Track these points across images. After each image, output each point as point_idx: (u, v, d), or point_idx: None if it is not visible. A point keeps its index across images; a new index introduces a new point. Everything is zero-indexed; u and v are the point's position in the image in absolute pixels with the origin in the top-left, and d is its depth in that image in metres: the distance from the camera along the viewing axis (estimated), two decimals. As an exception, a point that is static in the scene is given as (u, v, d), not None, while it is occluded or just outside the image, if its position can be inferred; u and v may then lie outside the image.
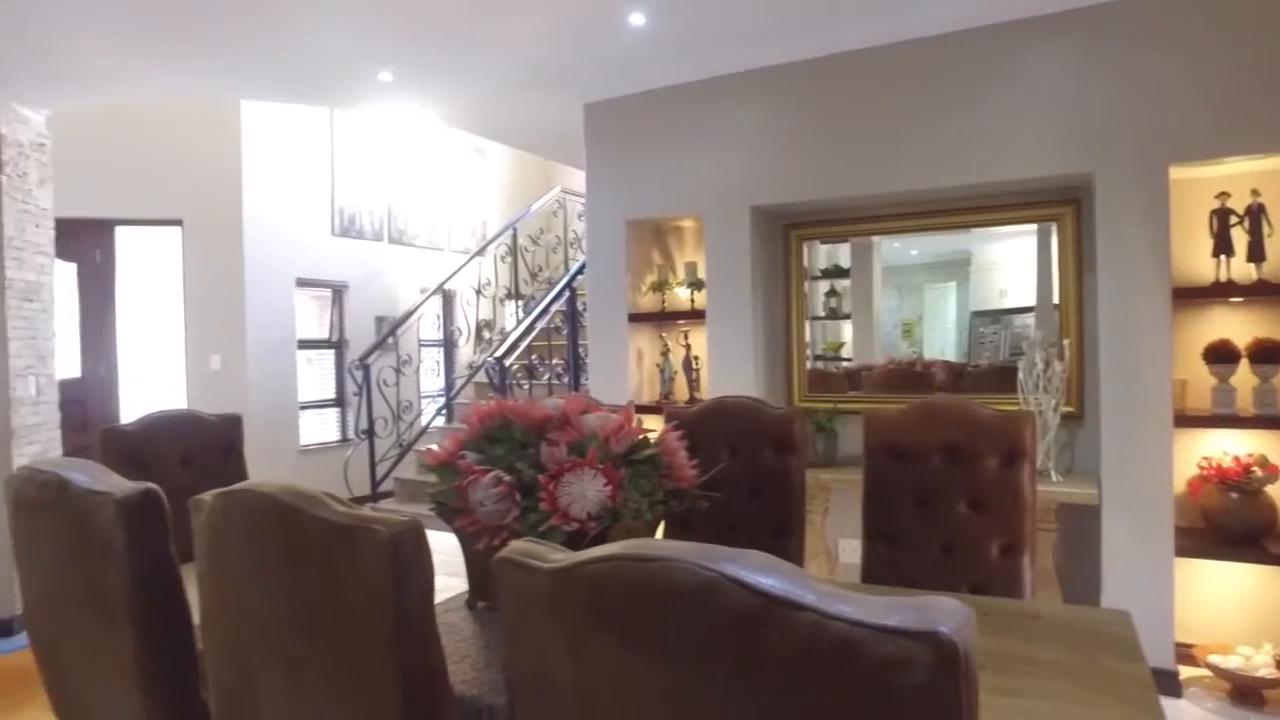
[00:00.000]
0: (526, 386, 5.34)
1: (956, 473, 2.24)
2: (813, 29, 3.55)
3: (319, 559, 1.00)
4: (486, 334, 6.80)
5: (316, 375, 6.82)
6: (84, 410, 5.76)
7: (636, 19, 3.43)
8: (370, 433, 5.57)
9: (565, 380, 5.63)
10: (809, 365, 4.20)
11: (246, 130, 6.17)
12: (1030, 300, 3.82)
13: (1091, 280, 3.36)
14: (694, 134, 4.07)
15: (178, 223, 6.11)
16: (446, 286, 6.55)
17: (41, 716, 3.18)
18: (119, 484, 1.33)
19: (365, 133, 7.16)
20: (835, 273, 4.27)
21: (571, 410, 1.76)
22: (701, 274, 4.15)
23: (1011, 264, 3.95)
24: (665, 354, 4.33)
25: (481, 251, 6.86)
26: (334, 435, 6.86)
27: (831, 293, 4.26)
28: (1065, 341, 3.53)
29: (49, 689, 1.56)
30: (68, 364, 5.48)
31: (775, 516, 2.52)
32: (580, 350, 5.61)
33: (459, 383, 6.48)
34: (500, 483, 1.64)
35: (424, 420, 6.26)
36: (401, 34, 3.61)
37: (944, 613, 0.61)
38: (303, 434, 6.52)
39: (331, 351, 6.89)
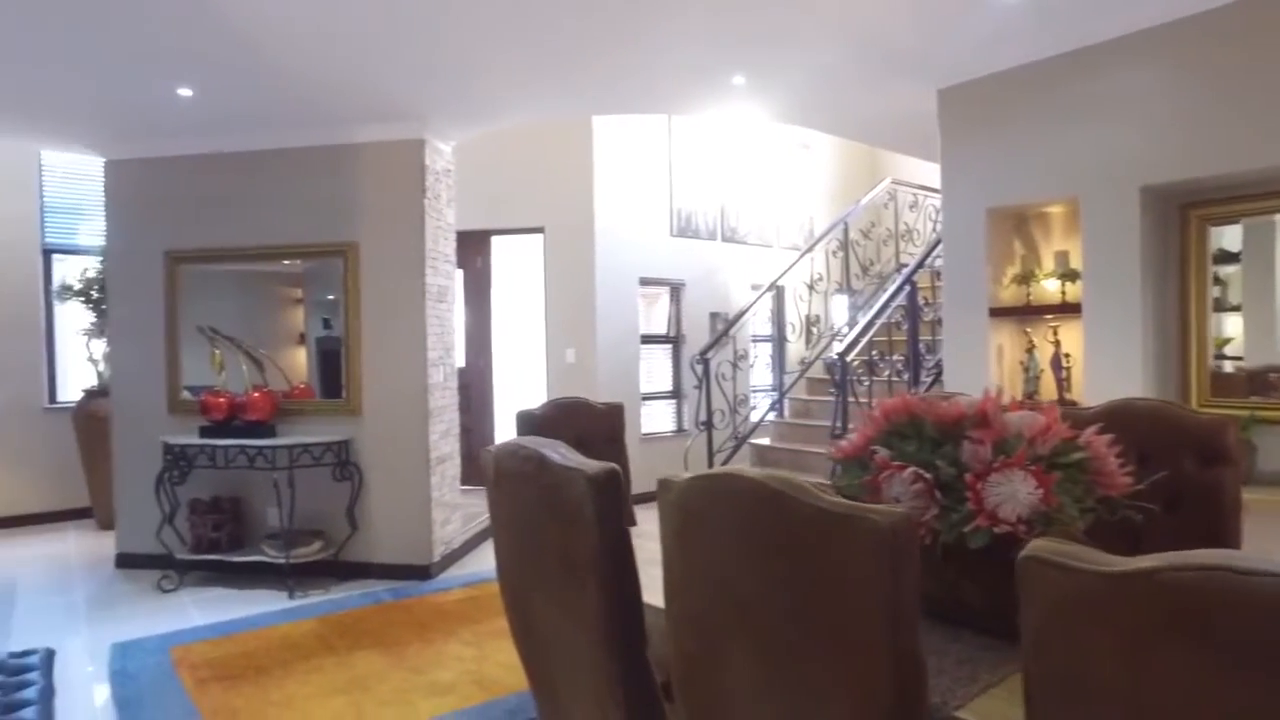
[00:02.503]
0: (867, 383, 5.23)
1: None
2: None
3: (809, 543, 1.05)
4: (816, 330, 6.78)
5: (655, 369, 7.27)
6: (468, 395, 6.69)
7: (1010, -9, 3.20)
8: (709, 424, 5.81)
9: (905, 376, 5.44)
10: (1210, 365, 3.64)
11: (597, 143, 6.74)
12: None
13: None
14: (1068, 111, 3.70)
15: (540, 230, 6.86)
16: (778, 283, 6.64)
17: (460, 650, 3.74)
18: (587, 462, 1.50)
19: (699, 136, 7.50)
20: (1221, 258, 3.65)
21: (990, 408, 1.68)
22: (1075, 263, 3.77)
23: None
24: (1030, 351, 4.00)
25: (812, 247, 6.85)
26: (670, 425, 7.28)
27: (1215, 281, 3.65)
28: None
29: (515, 632, 1.81)
30: (458, 356, 6.39)
31: (1197, 535, 2.20)
32: (921, 346, 5.38)
33: (790, 378, 6.54)
34: (919, 479, 1.61)
35: (757, 414, 6.41)
36: (756, 39, 3.71)
37: None
38: (643, 423, 7.00)
39: (669, 346, 7.31)
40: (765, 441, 6.19)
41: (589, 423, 3.02)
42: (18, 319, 6.52)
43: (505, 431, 6.88)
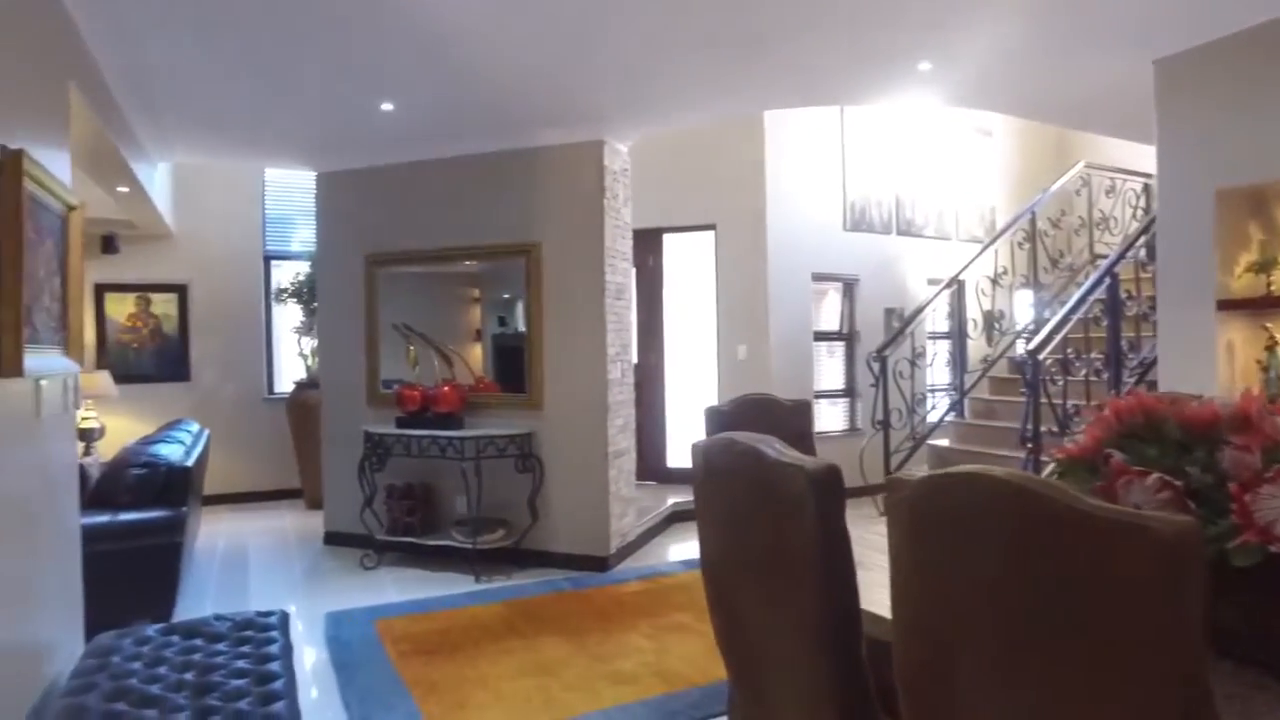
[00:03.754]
0: (1060, 383, 4.87)
1: None
2: None
3: (1069, 552, 0.98)
4: (999, 326, 6.38)
5: (828, 366, 7.11)
6: (640, 392, 6.80)
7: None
8: (885, 424, 5.61)
9: (1104, 376, 5.02)
10: None
11: (769, 137, 6.67)
12: None
13: None
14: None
15: (711, 227, 6.87)
16: (958, 277, 6.30)
17: (640, 641, 3.81)
18: (805, 458, 1.48)
19: (872, 126, 7.25)
20: None
21: (1254, 410, 1.50)
22: (1327, 249, 3.33)
23: None
24: (1271, 348, 3.58)
25: (996, 239, 6.45)
26: (841, 424, 7.09)
27: None
28: None
29: (719, 629, 1.82)
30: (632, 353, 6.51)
31: None
32: (1123, 343, 4.95)
33: (971, 377, 6.19)
34: (1165, 487, 1.47)
35: (935, 415, 6.12)
36: (944, 20, 3.53)
37: None
38: (816, 422, 6.86)
39: (841, 343, 7.13)
40: (944, 443, 5.91)
41: (778, 420, 2.98)
42: (244, 319, 7.29)
43: (677, 429, 6.95)
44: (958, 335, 6.21)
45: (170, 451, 4.17)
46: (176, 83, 4.12)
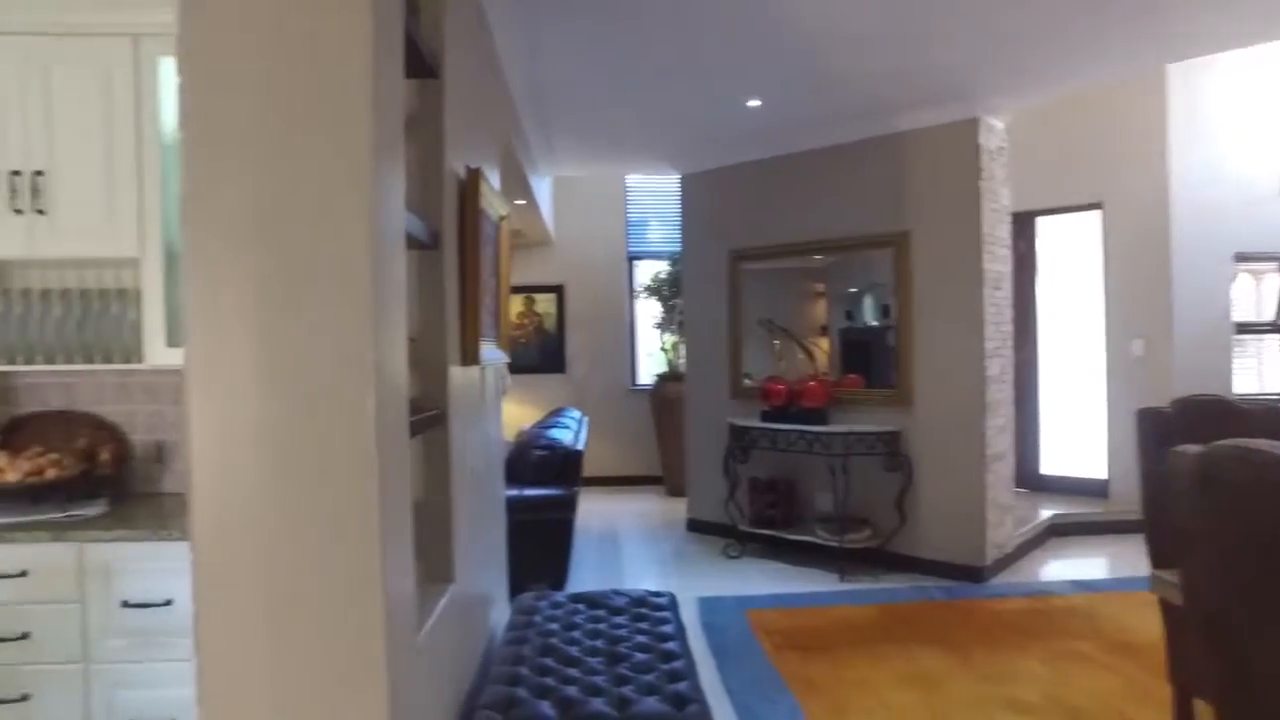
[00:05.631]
0: None
1: None
2: None
3: None
4: None
5: (1254, 363, 5.90)
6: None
7: None
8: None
9: None
10: None
11: (1173, 95, 5.66)
12: None
13: None
14: None
15: (1096, 206, 6.03)
16: None
17: (1035, 667, 3.41)
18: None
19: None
20: None
21: None
22: None
23: None
24: None
25: None
26: (1276, 435, 5.84)
27: None
28: None
29: (1220, 675, 1.50)
30: (1003, 347, 5.94)
31: None
32: None
33: None
34: None
35: None
36: None
37: None
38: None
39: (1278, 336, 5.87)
40: None
41: (1237, 426, 2.47)
42: (611, 315, 7.92)
43: (1052, 433, 6.23)
44: None
45: (563, 436, 4.61)
46: (566, 100, 4.54)
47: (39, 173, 2.53)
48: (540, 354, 7.91)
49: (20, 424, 2.85)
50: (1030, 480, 6.19)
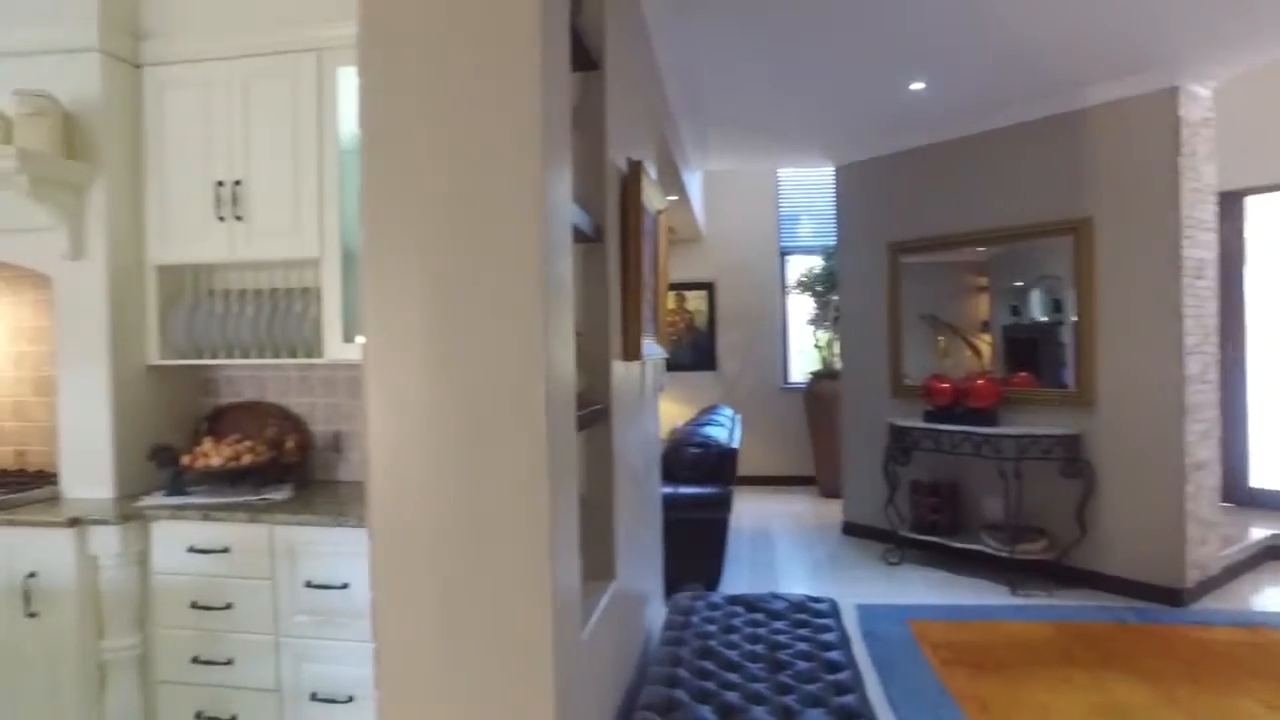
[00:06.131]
0: None
1: None
2: None
3: None
4: None
5: None
6: (1208, 392, 5.56)
7: None
8: None
9: None
10: None
11: None
12: None
13: None
14: None
15: (1321, 183, 5.31)
16: None
17: (1257, 710, 3.00)
18: None
19: None
20: None
21: None
22: None
23: None
24: None
25: None
26: None
27: None
28: None
29: None
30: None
31: None
32: None
33: None
34: None
35: None
36: None
37: None
38: None
39: None
40: None
41: None
42: (763, 312, 7.78)
43: (1264, 441, 5.56)
44: None
45: (717, 434, 4.54)
46: (722, 89, 4.46)
47: (238, 182, 2.73)
48: (691, 352, 7.88)
49: (221, 413, 3.10)
50: (1239, 494, 5.55)
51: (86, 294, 2.71)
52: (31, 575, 2.46)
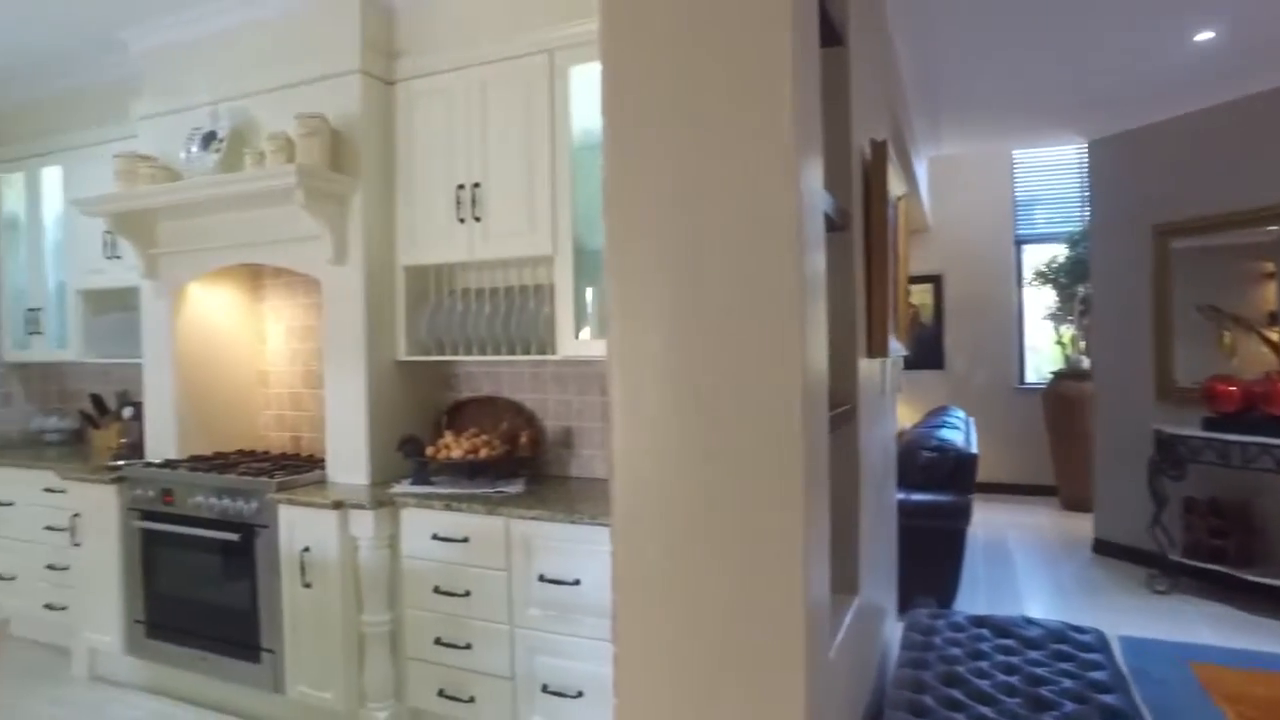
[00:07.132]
0: None
1: None
2: None
3: None
4: None
5: None
6: None
7: None
8: None
9: None
10: None
11: None
12: None
13: None
14: None
15: None
16: None
17: None
18: None
19: None
20: None
21: None
22: None
23: None
24: None
25: None
26: None
27: None
28: None
29: None
30: None
31: None
32: None
33: None
34: None
35: None
36: None
37: None
38: None
39: None
40: None
41: None
42: (995, 305, 7.17)
43: None
44: None
45: (953, 437, 4.20)
46: (960, 61, 4.09)
47: (477, 185, 2.85)
48: (917, 348, 7.41)
49: (459, 407, 3.26)
50: None
51: (347, 295, 2.94)
52: (306, 550, 2.71)
